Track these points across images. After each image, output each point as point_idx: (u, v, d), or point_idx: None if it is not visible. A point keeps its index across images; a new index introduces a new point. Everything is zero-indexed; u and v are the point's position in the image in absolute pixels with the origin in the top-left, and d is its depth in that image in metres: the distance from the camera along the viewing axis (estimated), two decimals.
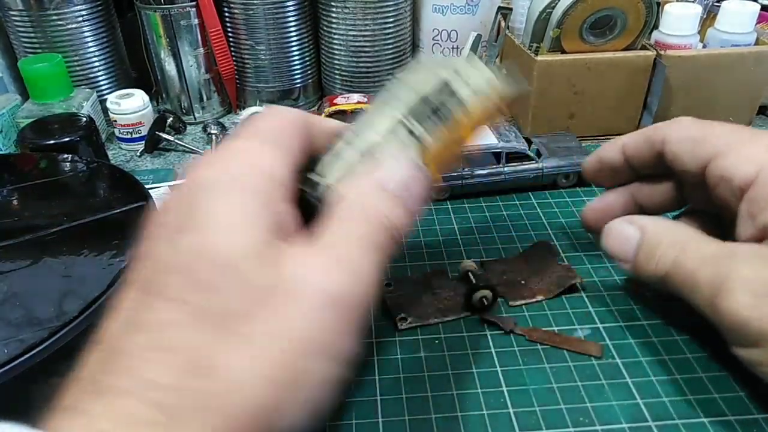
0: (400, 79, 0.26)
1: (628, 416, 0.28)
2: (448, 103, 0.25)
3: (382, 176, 0.23)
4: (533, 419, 0.28)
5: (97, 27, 0.59)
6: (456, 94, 0.25)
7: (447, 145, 0.25)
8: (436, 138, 0.25)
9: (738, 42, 0.53)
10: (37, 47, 0.58)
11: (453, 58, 0.26)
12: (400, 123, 0.24)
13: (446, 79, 0.25)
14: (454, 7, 0.60)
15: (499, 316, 0.34)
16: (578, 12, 0.50)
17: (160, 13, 0.57)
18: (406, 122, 0.24)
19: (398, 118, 0.24)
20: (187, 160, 0.56)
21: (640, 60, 0.52)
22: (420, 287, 0.36)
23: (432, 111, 0.25)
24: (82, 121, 0.51)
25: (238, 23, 0.60)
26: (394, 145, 0.24)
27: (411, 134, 0.24)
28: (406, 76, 0.26)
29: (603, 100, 0.54)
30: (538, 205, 0.45)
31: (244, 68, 0.63)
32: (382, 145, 0.24)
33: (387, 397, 0.30)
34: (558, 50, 0.52)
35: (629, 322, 0.34)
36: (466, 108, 0.25)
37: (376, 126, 0.25)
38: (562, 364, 0.31)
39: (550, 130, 0.54)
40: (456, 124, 0.25)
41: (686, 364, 0.31)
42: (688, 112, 0.55)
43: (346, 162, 0.24)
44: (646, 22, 0.51)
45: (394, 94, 0.25)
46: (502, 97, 0.26)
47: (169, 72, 0.61)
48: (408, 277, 0.37)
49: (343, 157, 0.24)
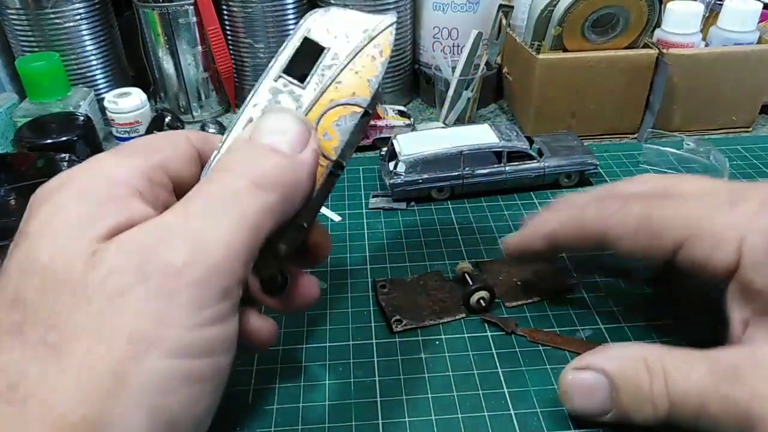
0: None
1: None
2: (312, 54, 0.24)
3: (247, 132, 0.22)
4: (534, 420, 0.28)
5: (94, 25, 0.59)
6: (317, 43, 0.24)
7: (326, 96, 0.24)
8: (311, 89, 0.24)
9: (740, 40, 0.53)
10: (35, 46, 0.58)
11: (310, 15, 0.25)
12: (272, 87, 0.24)
13: (304, 33, 0.25)
14: (455, 5, 0.59)
15: (501, 317, 0.34)
16: (580, 10, 0.49)
17: (158, 11, 0.57)
18: (277, 84, 0.24)
19: (270, 84, 0.24)
20: None
21: (642, 58, 0.52)
22: (416, 289, 0.36)
23: (300, 65, 0.24)
24: (80, 120, 0.50)
25: (236, 21, 0.60)
26: (266, 106, 0.24)
27: (283, 93, 0.24)
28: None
29: (605, 98, 0.54)
30: (540, 204, 0.45)
31: (243, 66, 0.62)
32: (258, 110, 0.24)
33: (387, 398, 0.29)
34: (560, 48, 0.52)
35: (630, 324, 0.33)
36: (332, 52, 0.24)
37: (252, 99, 0.24)
38: (563, 366, 0.31)
39: (551, 129, 0.54)
40: (327, 69, 0.24)
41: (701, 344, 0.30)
42: (690, 111, 0.55)
43: (226, 140, 0.23)
44: (649, 21, 0.51)
45: (268, 67, 0.25)
46: (370, 35, 0.25)
47: (167, 70, 0.61)
48: (403, 279, 0.37)
49: (224, 139, 0.24)
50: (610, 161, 0.50)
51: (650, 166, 0.49)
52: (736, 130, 0.57)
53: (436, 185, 0.44)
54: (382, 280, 0.37)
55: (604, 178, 0.48)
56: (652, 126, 0.54)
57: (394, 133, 0.53)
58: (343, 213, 0.44)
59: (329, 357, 0.32)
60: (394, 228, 0.43)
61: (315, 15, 0.25)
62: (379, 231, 0.42)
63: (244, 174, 0.21)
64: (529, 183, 0.46)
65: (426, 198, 0.45)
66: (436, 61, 0.58)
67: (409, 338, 0.33)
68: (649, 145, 0.50)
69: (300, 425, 0.28)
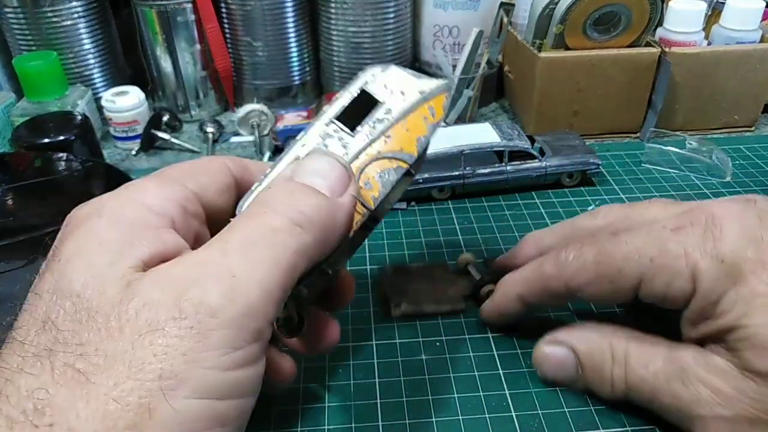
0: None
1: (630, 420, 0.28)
2: (366, 105, 0.25)
3: (290, 171, 0.22)
4: (535, 422, 0.28)
5: (92, 24, 0.59)
6: (373, 96, 0.25)
7: (374, 147, 0.24)
8: (360, 138, 0.24)
9: (743, 39, 0.53)
10: (32, 45, 0.57)
11: (370, 69, 0.26)
12: (323, 131, 0.24)
13: (361, 84, 0.25)
14: (456, 3, 0.59)
15: None
16: (582, 8, 0.49)
17: (156, 9, 0.56)
18: (328, 129, 0.24)
19: (321, 128, 0.24)
20: (182, 159, 0.56)
21: (644, 57, 0.52)
22: (420, 277, 0.36)
23: (353, 115, 0.25)
24: (77, 120, 0.50)
25: (235, 19, 0.59)
26: (313, 148, 0.24)
27: (332, 138, 0.24)
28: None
29: (607, 97, 0.53)
30: (542, 204, 0.44)
31: (241, 65, 0.62)
32: (305, 150, 0.24)
33: (387, 400, 0.29)
34: (561, 47, 0.52)
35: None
36: (386, 107, 0.25)
37: (302, 140, 0.24)
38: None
39: (553, 128, 0.53)
40: (379, 123, 0.25)
41: None
42: (693, 110, 0.55)
43: (269, 179, 0.24)
44: (651, 19, 0.50)
45: (321, 112, 0.25)
46: (426, 97, 0.25)
47: (165, 69, 0.60)
48: (409, 267, 0.37)
49: (267, 173, 0.24)
50: (612, 161, 0.50)
51: (652, 166, 0.49)
52: (739, 129, 0.56)
53: (437, 185, 0.44)
54: (387, 265, 0.37)
55: (606, 178, 0.47)
56: (655, 125, 0.53)
57: None
58: None
59: (328, 358, 0.31)
60: (394, 228, 0.42)
61: (375, 69, 0.26)
62: (380, 231, 0.42)
63: (283, 212, 0.20)
64: (530, 183, 0.45)
65: (427, 198, 0.45)
66: (436, 59, 0.58)
67: (410, 339, 0.32)
68: (651, 145, 0.50)
69: (299, 427, 0.28)
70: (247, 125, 0.58)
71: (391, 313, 0.33)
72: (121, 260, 0.19)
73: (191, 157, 0.56)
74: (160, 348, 0.17)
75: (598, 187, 0.46)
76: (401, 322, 0.34)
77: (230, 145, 0.58)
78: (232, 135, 0.59)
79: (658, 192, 0.46)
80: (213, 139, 0.57)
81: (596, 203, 0.44)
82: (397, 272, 0.36)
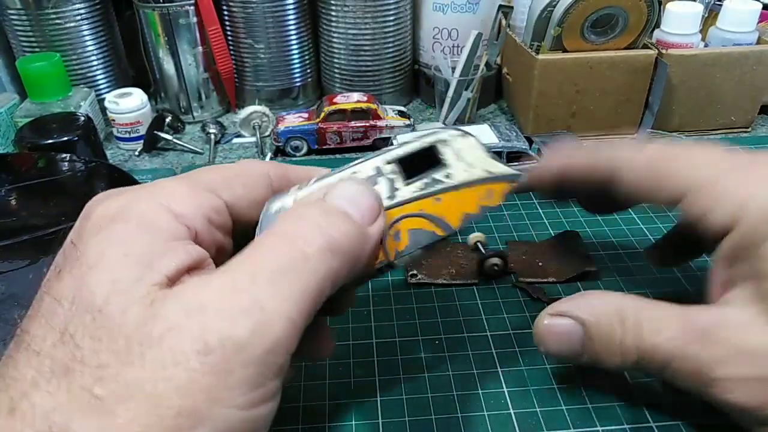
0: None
1: (629, 418, 0.28)
2: (431, 162, 0.24)
3: (322, 192, 0.22)
4: (534, 420, 0.28)
5: (95, 26, 0.59)
6: (441, 156, 0.24)
7: (420, 203, 0.24)
8: (411, 189, 0.24)
9: (740, 41, 0.53)
10: (35, 46, 0.58)
11: (450, 130, 0.25)
12: (379, 168, 0.24)
13: (435, 140, 0.25)
14: (455, 6, 0.60)
15: (530, 284, 0.36)
16: (580, 10, 0.49)
17: (158, 12, 0.57)
18: (385, 167, 0.24)
19: (375, 164, 0.24)
20: (185, 160, 0.56)
21: (641, 59, 0.52)
22: (439, 253, 0.39)
23: (414, 165, 0.24)
24: (80, 121, 0.51)
25: (237, 21, 0.60)
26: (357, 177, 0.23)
27: (384, 177, 0.24)
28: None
29: (604, 99, 0.54)
30: (539, 204, 0.45)
31: (243, 67, 0.62)
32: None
33: (386, 398, 0.29)
34: (559, 49, 0.52)
35: None
36: (448, 170, 0.24)
37: (355, 167, 0.24)
38: (562, 365, 0.31)
39: (551, 130, 0.54)
40: (435, 183, 0.24)
41: None
42: (689, 111, 0.55)
43: (302, 194, 0.23)
44: (648, 21, 0.51)
45: (384, 149, 0.25)
46: (490, 178, 0.25)
47: (167, 71, 0.61)
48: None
49: (301, 190, 0.23)
50: None
51: None
52: (736, 130, 0.57)
53: None
54: None
55: None
56: (652, 126, 0.54)
57: (394, 134, 0.53)
58: None
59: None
60: None
61: (454, 132, 0.25)
62: None
63: (315, 237, 0.20)
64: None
65: None
66: (436, 61, 0.58)
67: (410, 338, 0.33)
68: None
69: (301, 425, 0.28)
70: (248, 126, 0.58)
71: (408, 283, 0.36)
72: (147, 276, 0.18)
73: (193, 158, 0.56)
74: (182, 383, 0.17)
75: None
76: (402, 321, 0.34)
77: (232, 146, 0.58)
78: (234, 136, 0.59)
79: None
80: (215, 140, 0.58)
81: None
82: None
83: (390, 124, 0.55)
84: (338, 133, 0.54)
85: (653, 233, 0.41)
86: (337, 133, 0.54)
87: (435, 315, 0.34)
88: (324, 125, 0.54)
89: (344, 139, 0.54)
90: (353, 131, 0.54)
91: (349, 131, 0.54)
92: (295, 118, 0.55)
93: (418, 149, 0.24)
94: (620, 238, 0.41)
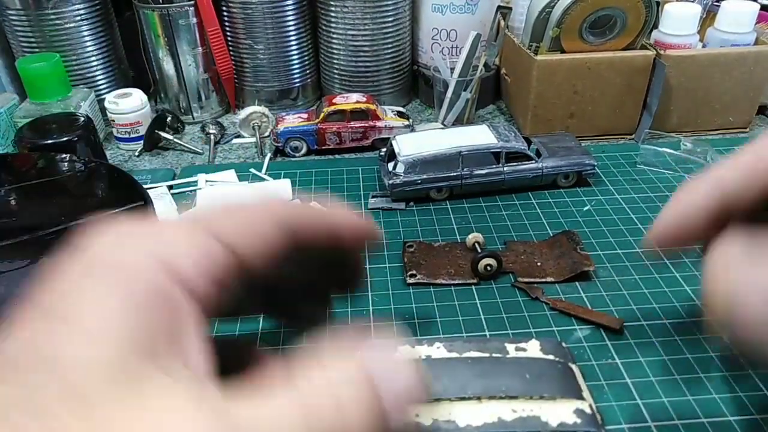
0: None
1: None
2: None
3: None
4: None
5: (95, 26, 0.59)
6: None
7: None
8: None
9: (737, 42, 0.53)
10: (35, 47, 0.58)
11: None
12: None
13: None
14: (454, 6, 0.60)
15: (528, 283, 0.36)
16: (578, 11, 0.50)
17: (158, 13, 0.57)
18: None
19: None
20: (184, 160, 0.56)
21: (639, 59, 0.52)
22: (439, 253, 0.39)
23: None
24: (80, 121, 0.51)
25: (236, 22, 0.60)
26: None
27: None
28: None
29: (603, 99, 0.54)
30: (538, 205, 0.45)
31: (243, 68, 0.63)
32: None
33: None
34: (557, 50, 0.52)
35: (641, 305, 0.34)
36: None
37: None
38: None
39: (549, 130, 0.54)
40: None
41: (699, 345, 0.31)
42: (688, 112, 0.56)
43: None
44: (646, 22, 0.51)
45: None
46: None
47: (167, 71, 0.61)
48: (431, 243, 0.40)
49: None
50: (608, 162, 0.51)
51: (647, 167, 0.50)
52: (734, 130, 0.57)
53: (435, 185, 0.45)
54: (410, 241, 0.40)
55: (602, 179, 0.48)
56: (650, 127, 0.54)
57: (393, 134, 0.53)
58: None
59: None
60: (393, 228, 0.43)
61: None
62: (380, 231, 0.42)
63: (329, 413, 0.16)
64: (527, 183, 0.46)
65: (425, 198, 0.45)
66: (434, 62, 0.59)
67: (410, 338, 0.33)
68: (646, 146, 0.50)
69: None
70: (248, 127, 0.58)
71: (406, 283, 0.37)
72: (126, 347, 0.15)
73: (193, 158, 0.56)
74: None
75: (593, 187, 0.47)
76: (401, 321, 0.34)
77: (232, 146, 0.58)
78: (233, 136, 0.59)
79: (652, 192, 0.46)
80: (215, 140, 0.58)
81: (592, 203, 0.45)
82: (420, 247, 0.39)
83: (389, 125, 0.55)
84: (337, 134, 0.54)
85: None
86: (336, 134, 0.54)
87: (434, 315, 0.35)
88: (323, 126, 0.54)
89: (343, 139, 0.55)
90: (352, 132, 0.54)
91: (349, 132, 0.54)
92: (294, 119, 0.55)
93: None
94: (618, 238, 0.41)
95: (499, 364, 0.24)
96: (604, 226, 0.42)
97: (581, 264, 0.37)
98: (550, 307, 0.35)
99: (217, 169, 0.52)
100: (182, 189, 0.49)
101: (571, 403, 0.23)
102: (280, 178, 0.50)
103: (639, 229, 0.42)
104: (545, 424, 0.22)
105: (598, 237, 0.41)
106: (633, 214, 0.43)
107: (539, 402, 0.22)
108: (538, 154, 0.46)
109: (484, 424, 0.21)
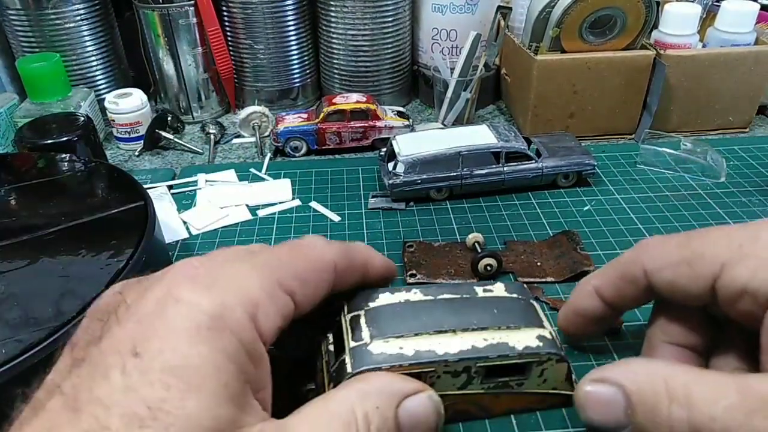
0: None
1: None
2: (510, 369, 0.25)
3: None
4: (532, 420, 0.28)
5: (95, 26, 0.59)
6: (524, 371, 0.26)
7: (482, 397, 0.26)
8: (481, 387, 0.25)
9: (738, 42, 0.53)
10: (35, 46, 0.58)
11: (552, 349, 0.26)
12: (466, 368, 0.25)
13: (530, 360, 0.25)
14: (454, 6, 0.60)
15: (528, 283, 0.36)
16: (578, 11, 0.50)
17: (158, 12, 0.57)
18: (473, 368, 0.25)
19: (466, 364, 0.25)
20: (184, 160, 0.56)
21: (639, 59, 0.52)
22: (439, 253, 0.39)
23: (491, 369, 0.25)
24: (80, 121, 0.51)
25: (236, 22, 0.60)
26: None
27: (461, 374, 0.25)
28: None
29: (603, 99, 0.54)
30: (538, 204, 0.45)
31: (243, 68, 0.63)
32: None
33: None
34: (558, 50, 0.52)
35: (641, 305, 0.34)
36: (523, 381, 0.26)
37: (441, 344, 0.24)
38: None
39: (549, 130, 0.54)
40: (503, 387, 0.26)
41: None
42: (687, 112, 0.56)
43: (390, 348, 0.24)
44: (646, 22, 0.51)
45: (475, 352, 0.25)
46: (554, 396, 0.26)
47: (167, 71, 0.61)
48: (431, 243, 0.40)
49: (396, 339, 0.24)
50: (608, 162, 0.51)
51: (647, 167, 0.50)
52: (734, 130, 0.57)
53: (435, 185, 0.45)
54: (410, 241, 0.40)
55: (602, 178, 0.48)
56: (650, 127, 0.54)
57: (393, 134, 0.53)
58: (342, 213, 0.45)
59: None
60: (393, 228, 0.43)
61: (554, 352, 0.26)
62: (378, 231, 0.42)
63: None
64: (527, 183, 0.46)
65: (425, 198, 0.45)
66: (434, 62, 0.59)
67: None
68: (646, 146, 0.50)
69: None
70: (248, 127, 0.58)
71: (406, 282, 0.37)
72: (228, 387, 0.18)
73: (193, 158, 0.56)
74: None
75: (593, 187, 0.47)
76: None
77: (232, 146, 0.58)
78: (233, 136, 0.59)
79: (652, 192, 0.46)
80: (215, 140, 0.58)
81: (592, 203, 0.45)
82: (420, 247, 0.39)
83: (389, 125, 0.55)
84: (337, 134, 0.54)
85: (651, 233, 0.41)
86: (336, 134, 0.54)
87: None
88: (323, 125, 0.54)
89: (343, 139, 0.55)
90: (352, 131, 0.54)
91: (349, 131, 0.54)
92: (294, 119, 0.55)
93: (512, 363, 0.25)
94: (618, 238, 0.41)
95: (470, 302, 0.26)
96: (604, 226, 0.42)
97: (581, 264, 0.37)
98: (550, 307, 0.34)
99: (217, 168, 0.52)
100: (182, 189, 0.49)
101: (534, 331, 0.26)
102: (280, 178, 0.50)
103: (639, 229, 0.42)
104: (513, 348, 0.25)
105: (598, 237, 0.41)
106: (633, 214, 0.43)
107: (507, 331, 0.25)
108: (538, 154, 0.46)
109: (459, 351, 0.24)
